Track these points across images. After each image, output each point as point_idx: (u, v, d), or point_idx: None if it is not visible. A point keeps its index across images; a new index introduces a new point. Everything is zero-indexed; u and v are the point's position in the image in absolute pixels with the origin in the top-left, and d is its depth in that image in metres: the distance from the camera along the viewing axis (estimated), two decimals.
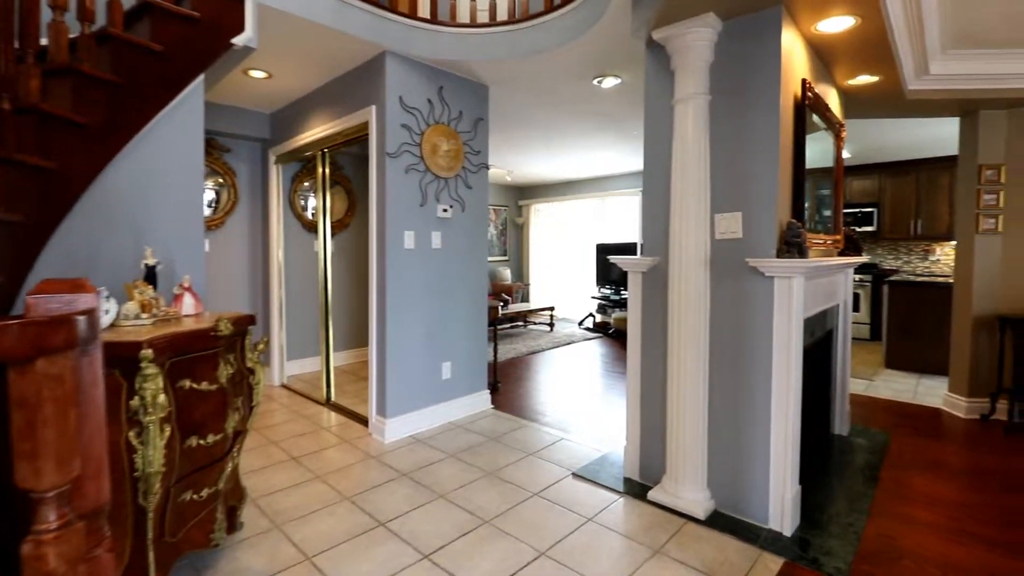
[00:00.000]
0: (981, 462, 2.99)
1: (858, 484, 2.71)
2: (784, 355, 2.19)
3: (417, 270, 3.33)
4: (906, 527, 2.29)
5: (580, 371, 5.13)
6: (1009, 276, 3.67)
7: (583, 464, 2.86)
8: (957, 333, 3.91)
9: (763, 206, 2.22)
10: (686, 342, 2.34)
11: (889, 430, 3.50)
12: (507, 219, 9.42)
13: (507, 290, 8.24)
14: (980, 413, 3.76)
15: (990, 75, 3.19)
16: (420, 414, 3.36)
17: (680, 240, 2.34)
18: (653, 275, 2.58)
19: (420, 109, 3.30)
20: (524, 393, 4.28)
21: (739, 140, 2.29)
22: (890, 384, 4.76)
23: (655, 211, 2.57)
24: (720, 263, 2.35)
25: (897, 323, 5.33)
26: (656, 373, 2.58)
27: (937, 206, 6.33)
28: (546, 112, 4.48)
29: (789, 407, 2.19)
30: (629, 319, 2.67)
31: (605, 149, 6.14)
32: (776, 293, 2.19)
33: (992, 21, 2.72)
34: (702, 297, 2.34)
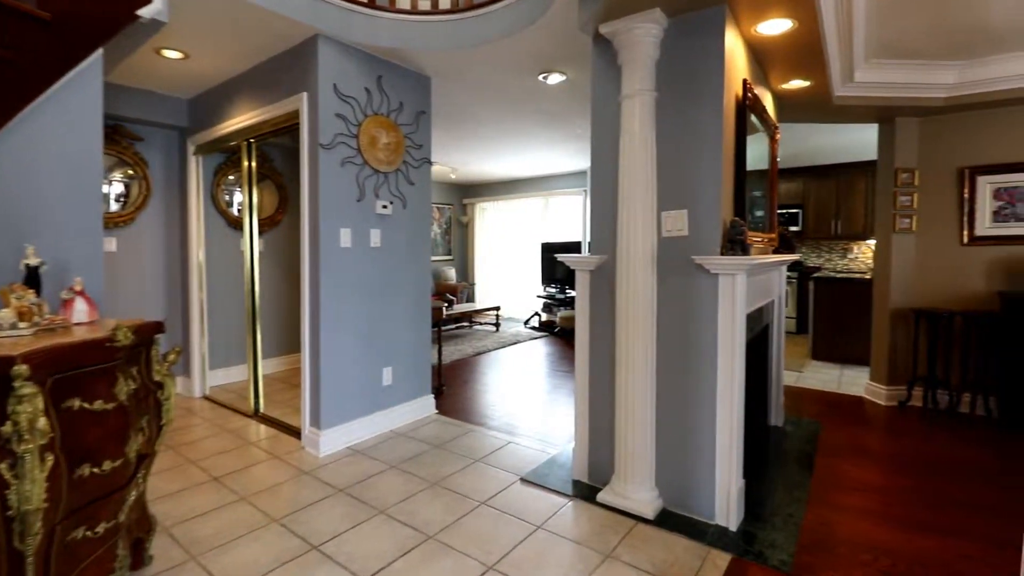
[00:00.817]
0: (902, 447, 3.18)
1: (795, 474, 2.80)
2: (728, 351, 2.20)
3: (354, 270, 3.13)
4: (840, 514, 2.38)
5: (527, 371, 5.07)
6: (922, 272, 3.95)
7: (531, 468, 2.78)
8: (877, 326, 4.17)
9: (708, 204, 2.22)
10: (634, 340, 2.31)
11: (820, 419, 3.68)
12: (452, 218, 9.25)
13: (452, 290, 8.07)
14: (898, 400, 4.03)
15: (906, 84, 3.41)
16: (359, 423, 3.17)
17: (628, 238, 2.31)
18: (601, 273, 2.54)
19: (357, 98, 3.10)
20: (470, 396, 4.16)
21: (685, 137, 2.28)
22: (817, 375, 5.04)
23: (603, 209, 2.53)
24: (667, 261, 2.34)
25: (822, 317, 5.66)
26: (604, 372, 2.55)
27: (854, 208, 6.79)
28: (491, 108, 4.38)
29: (733, 402, 2.20)
30: (577, 318, 2.62)
31: (550, 148, 6.13)
32: (720, 290, 2.20)
33: (910, 33, 2.89)
34: (649, 295, 2.32)
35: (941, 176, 3.84)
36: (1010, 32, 2.91)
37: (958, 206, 3.79)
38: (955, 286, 3.84)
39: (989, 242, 3.71)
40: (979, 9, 2.64)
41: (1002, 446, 3.17)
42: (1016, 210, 3.62)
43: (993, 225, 3.69)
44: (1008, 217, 3.65)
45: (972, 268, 3.78)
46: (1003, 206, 3.66)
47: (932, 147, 3.85)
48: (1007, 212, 3.65)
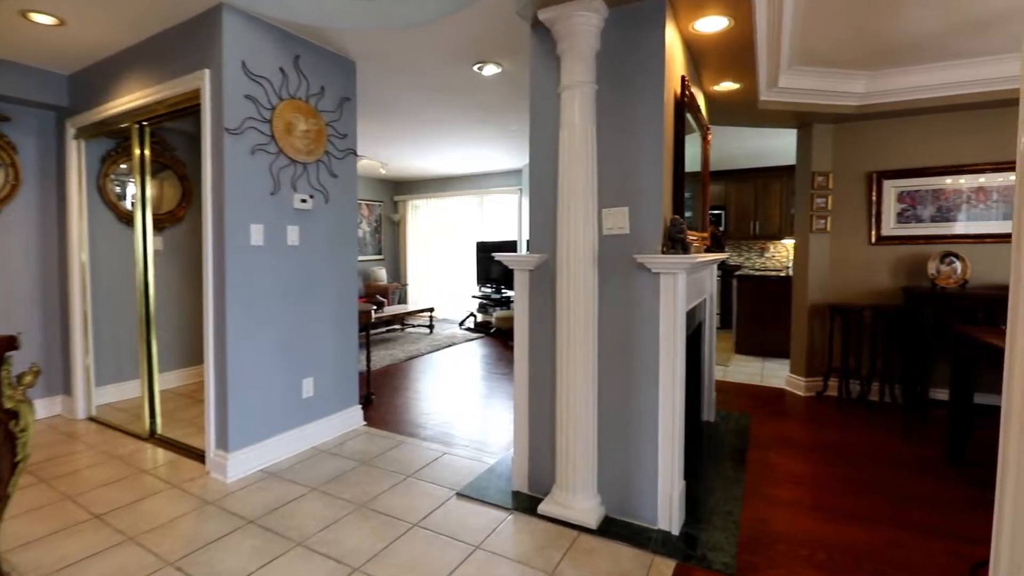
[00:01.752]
0: (824, 437, 3.33)
1: (730, 469, 2.83)
2: (670, 351, 2.16)
3: (268, 271, 2.80)
4: (775, 508, 2.41)
5: (462, 375, 4.88)
6: (836, 270, 4.19)
7: (468, 481, 2.61)
8: (796, 321, 4.38)
9: (649, 201, 2.16)
10: (575, 341, 2.21)
11: (748, 413, 3.79)
12: (382, 216, 8.85)
13: (382, 291, 7.71)
14: (816, 391, 4.25)
15: (823, 91, 3.58)
16: (275, 442, 2.84)
17: (568, 236, 2.20)
18: (540, 273, 2.42)
19: (270, 79, 2.78)
20: (402, 405, 3.92)
21: (625, 133, 2.21)
22: (742, 369, 5.25)
23: (542, 205, 2.41)
24: (607, 260, 2.26)
25: (745, 313, 5.92)
26: (544, 375, 2.43)
27: (770, 210, 7.20)
28: (423, 99, 4.15)
29: (675, 403, 2.16)
30: (516, 320, 2.48)
31: (485, 145, 5.97)
32: (662, 289, 2.15)
33: (830, 42, 3.02)
34: (591, 295, 2.22)
35: (852, 180, 4.09)
36: (913, 47, 3.12)
37: (867, 208, 4.06)
38: (865, 283, 4.11)
39: (894, 241, 3.99)
40: (893, 22, 2.79)
41: (909, 431, 3.40)
42: (917, 212, 3.93)
43: (897, 226, 3.98)
44: (910, 219, 3.94)
45: (879, 266, 4.06)
46: (905, 208, 3.95)
47: (844, 152, 4.09)
48: (909, 214, 3.94)
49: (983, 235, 3.76)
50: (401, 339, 6.52)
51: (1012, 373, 0.85)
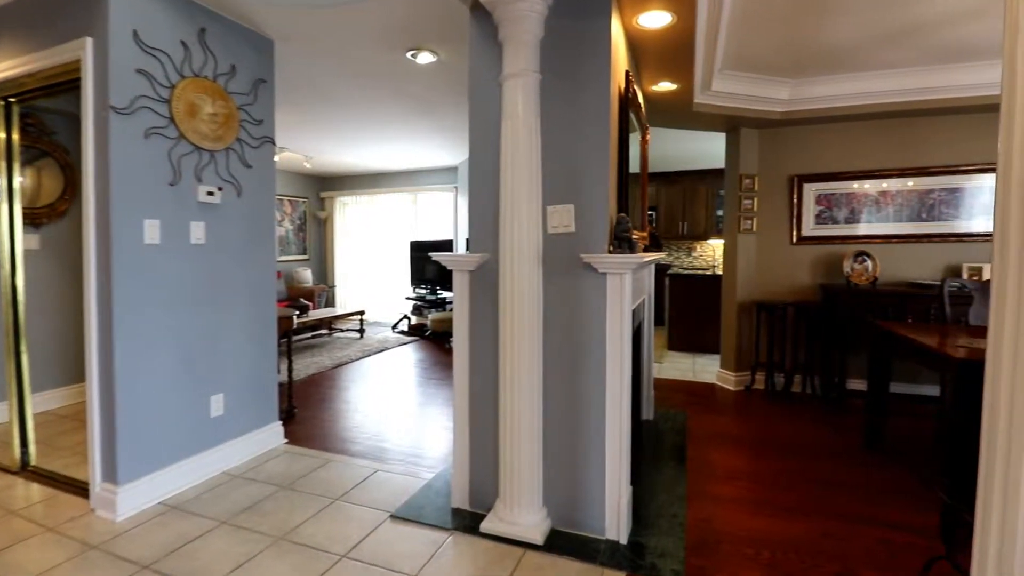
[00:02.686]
0: (754, 430, 3.43)
1: (672, 469, 2.82)
2: (617, 353, 2.08)
3: (168, 273, 2.44)
4: (718, 507, 2.41)
5: (396, 382, 4.62)
6: (762, 268, 4.37)
7: (404, 500, 2.41)
8: (726, 318, 4.53)
9: (596, 199, 2.07)
10: (520, 346, 2.08)
11: (684, 409, 3.85)
12: (307, 212, 8.30)
13: (307, 294, 7.21)
14: (744, 385, 4.42)
15: (751, 96, 3.70)
16: (176, 470, 2.48)
17: (512, 235, 2.06)
18: (482, 274, 2.26)
19: (169, 53, 2.43)
20: (329, 418, 3.61)
21: (571, 127, 2.10)
22: (675, 365, 5.38)
23: (483, 203, 2.26)
24: (553, 260, 2.14)
25: (677, 311, 6.10)
26: (486, 383, 2.28)
27: (697, 211, 7.49)
28: (351, 87, 3.86)
29: (622, 407, 2.09)
30: (455, 325, 2.31)
31: (420, 140, 5.72)
32: (608, 290, 2.07)
33: (760, 48, 3.09)
34: (536, 296, 2.10)
35: (776, 183, 4.28)
36: (834, 57, 3.28)
37: (789, 210, 4.26)
38: (788, 281, 4.31)
39: (813, 241, 4.22)
40: (817, 32, 2.90)
41: (830, 421, 3.58)
42: (832, 214, 4.17)
43: (815, 227, 4.21)
44: (827, 220, 4.18)
45: (800, 264, 4.28)
46: (823, 210, 4.18)
47: (769, 156, 4.27)
48: (826, 215, 4.18)
49: (889, 236, 4.06)
50: (329, 345, 6.11)
51: (994, 375, 0.81)
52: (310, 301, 6.96)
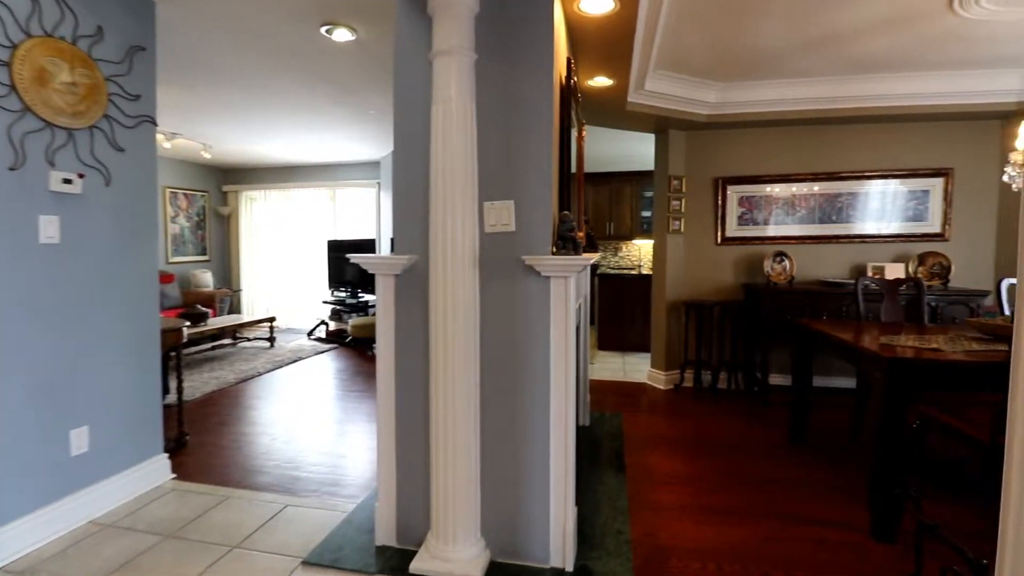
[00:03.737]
0: (687, 430, 3.43)
1: (612, 478, 2.71)
2: (561, 365, 1.91)
3: (6, 280, 1.94)
4: (662, 518, 2.33)
5: (312, 396, 4.19)
6: (690, 268, 4.44)
7: (320, 540, 2.08)
8: (656, 317, 4.56)
9: (538, 194, 1.88)
10: (454, 357, 1.84)
11: (619, 411, 3.80)
12: (207, 208, 7.46)
13: (206, 300, 6.45)
14: (674, 384, 4.46)
15: (680, 98, 3.71)
16: (25, 525, 1.98)
17: (444, 234, 1.82)
18: (410, 278, 1.99)
19: (9, 5, 1.93)
20: (229, 444, 3.15)
21: (510, 115, 1.89)
22: (606, 365, 5.37)
23: (411, 198, 1.99)
24: (491, 261, 1.93)
25: (606, 310, 6.12)
26: (415, 401, 2.02)
27: (623, 212, 7.62)
28: (257, 66, 3.40)
29: (567, 422, 1.92)
30: (379, 336, 2.02)
31: (339, 130, 5.26)
32: (552, 294, 1.89)
33: (691, 49, 3.07)
34: (472, 302, 1.87)
35: (702, 184, 4.36)
36: (758, 62, 3.35)
37: (714, 211, 4.36)
38: (714, 280, 4.41)
39: (736, 242, 4.35)
40: (748, 36, 2.93)
41: (756, 417, 3.68)
42: (753, 215, 4.31)
43: (738, 228, 4.34)
44: (748, 221, 4.32)
45: (725, 264, 4.39)
46: (744, 212, 4.32)
47: (696, 158, 4.34)
48: (747, 217, 4.32)
49: (803, 237, 4.27)
50: (232, 357, 5.47)
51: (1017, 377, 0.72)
52: (210, 308, 6.22)
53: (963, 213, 4.07)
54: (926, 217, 4.12)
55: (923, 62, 3.34)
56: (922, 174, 4.07)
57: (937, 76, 3.55)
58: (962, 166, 4.03)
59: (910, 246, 4.14)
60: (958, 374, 2.14)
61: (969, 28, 2.79)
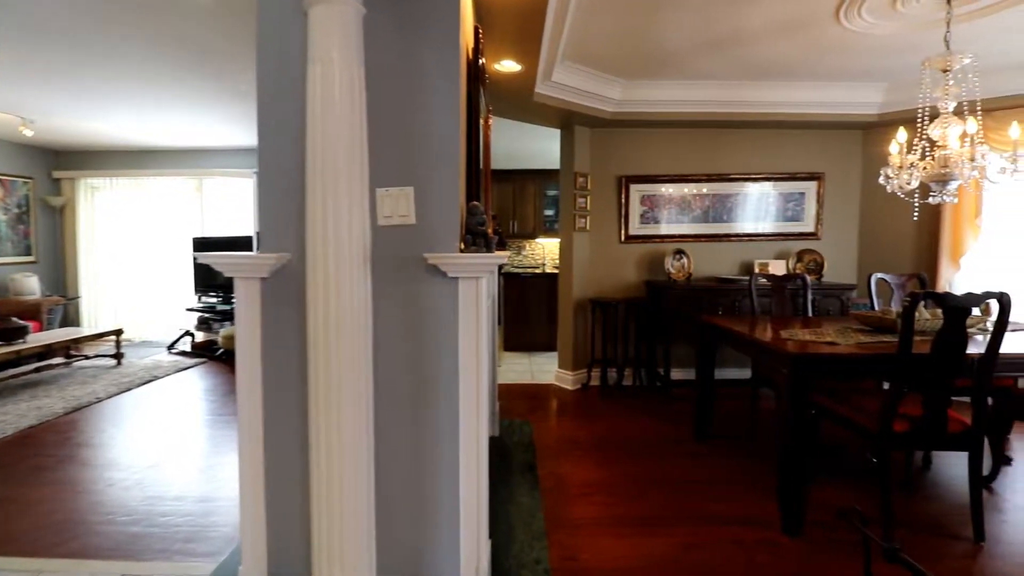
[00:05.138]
0: (598, 432, 3.35)
1: (526, 495, 2.51)
2: (472, 376, 1.64)
3: None
4: (580, 536, 2.17)
5: (168, 424, 3.49)
6: (596, 266, 4.40)
7: None
8: (563, 316, 4.46)
9: (443, 181, 1.59)
10: (340, 376, 1.49)
11: (528, 418, 3.62)
12: (31, 198, 6.11)
13: (29, 311, 5.23)
14: (582, 383, 4.40)
15: (587, 92, 3.61)
16: None
17: (325, 227, 1.46)
18: (281, 281, 1.60)
19: None
20: (47, 497, 2.45)
21: (410, 85, 1.58)
22: (513, 367, 5.21)
23: (281, 183, 1.60)
24: (386, 260, 1.61)
25: (512, 310, 5.97)
26: (289, 430, 1.64)
27: (526, 210, 7.53)
28: (89, 21, 2.70)
29: (479, 444, 1.66)
30: (239, 355, 1.61)
31: (204, 107, 4.49)
32: (461, 298, 1.61)
33: (600, 40, 2.96)
34: (363, 310, 1.53)
35: (607, 182, 4.33)
36: (662, 61, 3.34)
37: (618, 209, 4.36)
38: (618, 278, 4.41)
39: (638, 240, 4.38)
40: (654, 32, 2.88)
41: (661, 413, 3.70)
42: (655, 214, 4.38)
43: (640, 226, 4.38)
44: (650, 220, 4.37)
45: (629, 262, 4.41)
46: (646, 211, 4.37)
47: (600, 155, 4.30)
48: (649, 216, 4.37)
49: (699, 235, 4.42)
50: (64, 380, 4.45)
51: None
52: (34, 320, 5.06)
53: (832, 214, 4.46)
54: (802, 217, 4.46)
55: (807, 71, 3.56)
56: (799, 178, 4.40)
57: (815, 86, 3.82)
58: (832, 171, 4.42)
59: (789, 244, 4.45)
60: (851, 365, 2.21)
61: (849, 39, 2.97)
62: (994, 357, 2.02)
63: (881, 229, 4.34)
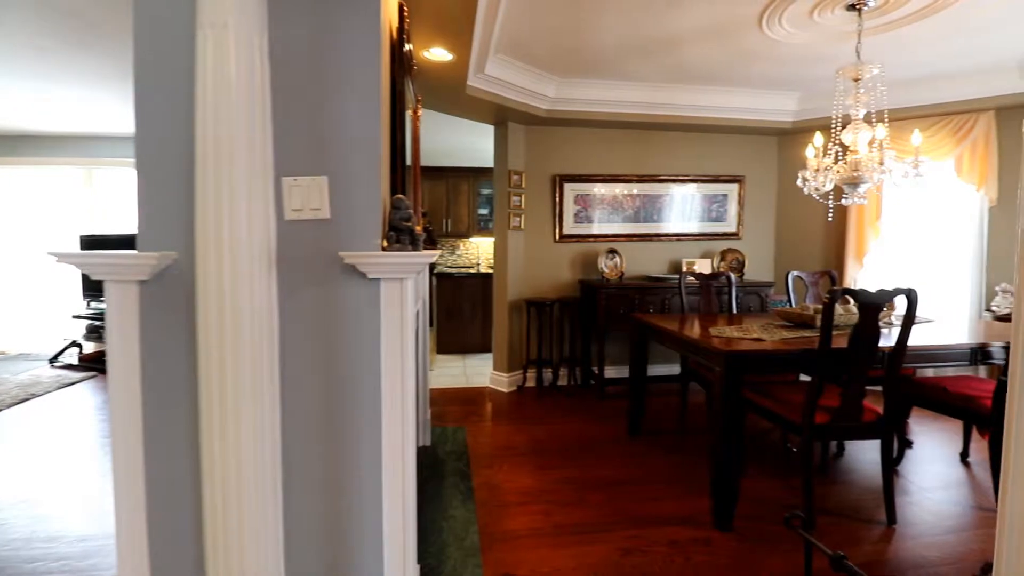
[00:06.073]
0: (533, 435, 3.27)
1: (460, 509, 2.37)
2: (397, 387, 1.48)
3: None
4: (518, 550, 2.07)
5: (47, 449, 3.02)
6: (531, 266, 4.33)
7: None
8: (498, 317, 4.36)
9: (362, 169, 1.42)
10: (240, 392, 1.29)
11: (462, 424, 3.49)
12: None
13: None
14: (517, 385, 4.32)
15: (521, 88, 3.53)
16: None
17: (220, 221, 1.25)
18: (165, 285, 1.36)
19: None
20: None
21: (322, 60, 1.40)
22: (445, 370, 5.04)
23: (167, 170, 1.36)
24: (295, 260, 1.41)
25: (444, 311, 5.79)
26: (177, 454, 1.39)
27: (460, 209, 7.37)
28: None
29: (406, 464, 1.51)
30: (112, 373, 1.35)
31: (88, 86, 3.94)
32: (384, 302, 1.45)
33: (535, 34, 2.87)
34: (267, 317, 1.34)
35: (541, 181, 4.27)
36: (596, 61, 3.32)
37: (552, 208, 4.31)
38: (553, 277, 4.38)
39: (572, 239, 4.37)
40: (587, 31, 2.84)
41: (595, 412, 3.70)
42: (588, 213, 4.38)
43: (574, 225, 4.36)
44: (583, 219, 4.37)
45: (563, 261, 4.38)
46: (580, 210, 4.36)
47: (535, 154, 4.24)
48: (582, 215, 4.36)
49: (631, 235, 4.48)
50: None
51: None
52: None
53: (752, 215, 4.68)
54: (725, 218, 4.64)
55: (729, 78, 3.68)
56: (722, 180, 4.57)
57: (737, 92, 3.97)
58: (751, 174, 4.63)
59: (714, 243, 4.62)
60: (779, 360, 2.27)
61: (768, 48, 3.09)
62: (904, 349, 2.14)
63: (795, 230, 4.61)
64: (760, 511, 2.34)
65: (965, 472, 2.74)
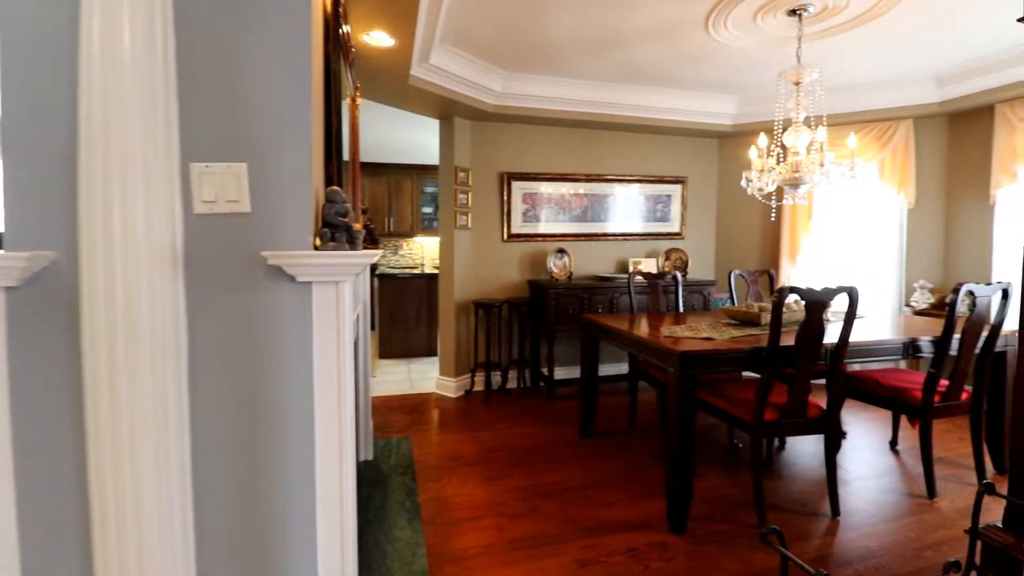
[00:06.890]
0: (482, 442, 3.15)
1: (406, 530, 2.21)
2: (333, 403, 1.32)
3: None
4: (468, 570, 1.94)
5: None
6: (478, 266, 4.20)
7: None
8: (444, 319, 4.20)
9: (289, 155, 1.23)
10: (136, 417, 1.08)
11: (408, 433, 3.31)
12: None
13: None
14: (465, 390, 4.18)
15: (468, 81, 3.39)
16: None
17: (109, 214, 1.04)
18: (42, 291, 1.13)
19: None
20: None
21: (239, 26, 1.20)
22: (389, 376, 4.82)
23: (44, 156, 1.12)
24: (207, 260, 1.21)
25: (387, 314, 5.55)
26: (59, 493, 1.16)
27: (403, 207, 7.11)
28: None
29: (344, 479, 1.34)
30: None
31: None
32: (316, 308, 1.28)
33: (482, 24, 2.75)
34: (170, 326, 1.14)
35: (488, 178, 4.15)
36: (545, 55, 3.24)
37: (500, 207, 4.20)
38: (501, 278, 4.27)
39: (521, 239, 4.27)
40: (537, 25, 2.75)
41: (545, 414, 3.62)
42: (536, 212, 4.30)
43: (523, 224, 4.27)
44: (531, 218, 4.29)
45: (512, 261, 4.28)
46: (528, 209, 4.27)
47: (482, 150, 4.11)
48: (531, 214, 4.28)
49: (579, 234, 4.45)
50: None
51: None
52: None
53: (694, 215, 4.78)
54: (669, 218, 4.71)
55: (674, 79, 3.72)
56: (666, 181, 4.64)
57: (681, 94, 4.02)
58: (694, 175, 4.73)
59: (659, 243, 4.68)
60: (731, 359, 2.26)
61: (713, 50, 3.13)
62: (846, 345, 2.19)
63: (734, 229, 4.75)
64: (711, 511, 2.33)
65: (895, 460, 2.88)
